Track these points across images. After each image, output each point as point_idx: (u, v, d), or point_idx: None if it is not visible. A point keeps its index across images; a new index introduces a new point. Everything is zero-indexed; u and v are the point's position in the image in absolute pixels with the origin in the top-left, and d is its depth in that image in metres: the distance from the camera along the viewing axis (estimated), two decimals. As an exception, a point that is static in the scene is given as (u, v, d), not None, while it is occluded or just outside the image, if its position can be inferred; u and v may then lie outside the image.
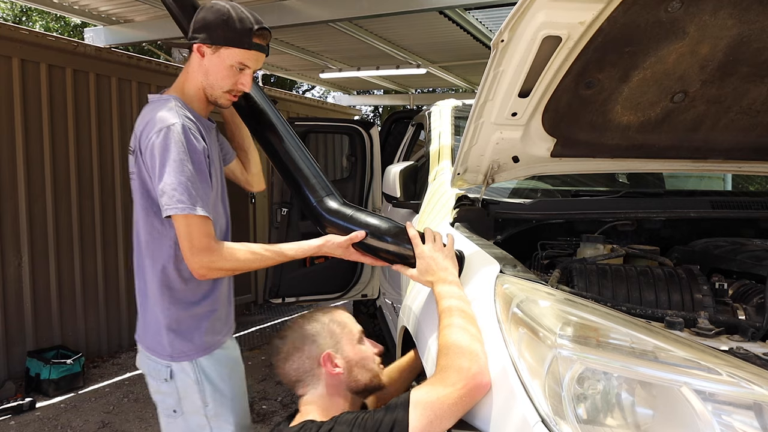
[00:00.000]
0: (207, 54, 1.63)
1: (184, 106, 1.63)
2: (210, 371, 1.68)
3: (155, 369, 1.70)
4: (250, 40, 1.61)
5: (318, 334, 1.52)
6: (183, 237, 1.52)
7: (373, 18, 4.74)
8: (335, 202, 1.73)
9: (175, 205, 1.49)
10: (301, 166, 1.79)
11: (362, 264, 4.30)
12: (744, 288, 1.66)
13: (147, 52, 10.74)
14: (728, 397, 1.02)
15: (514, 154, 1.92)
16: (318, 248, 1.66)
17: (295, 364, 1.51)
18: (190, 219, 1.50)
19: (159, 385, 1.70)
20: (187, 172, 1.51)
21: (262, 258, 1.62)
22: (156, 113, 1.57)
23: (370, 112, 18.84)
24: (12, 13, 12.51)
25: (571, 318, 1.19)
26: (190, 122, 1.58)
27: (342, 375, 1.49)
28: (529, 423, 1.07)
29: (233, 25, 1.59)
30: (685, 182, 3.35)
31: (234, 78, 1.65)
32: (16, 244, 4.38)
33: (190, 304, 1.67)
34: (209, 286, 1.70)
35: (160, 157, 1.51)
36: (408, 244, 1.59)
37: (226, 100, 1.69)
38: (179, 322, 1.66)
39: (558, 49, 1.48)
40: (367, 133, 4.33)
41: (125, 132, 5.23)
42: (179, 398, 1.67)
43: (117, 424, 3.79)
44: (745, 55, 1.60)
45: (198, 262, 1.53)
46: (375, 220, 1.66)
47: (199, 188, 1.53)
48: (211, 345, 1.70)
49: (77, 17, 5.33)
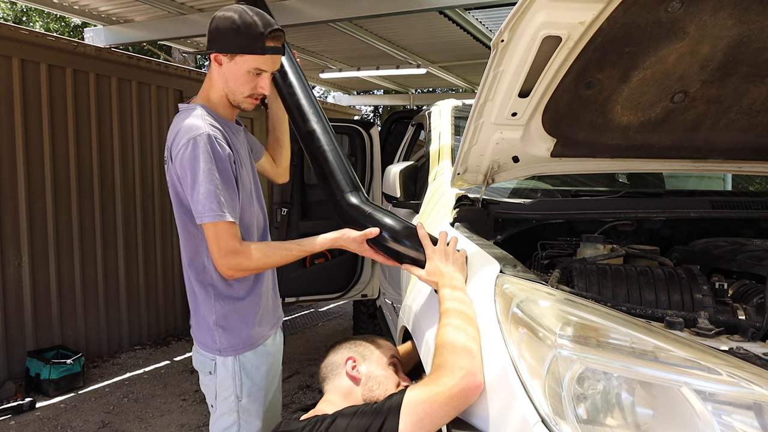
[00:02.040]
0: (224, 62, 1.67)
1: (210, 113, 1.70)
2: (249, 366, 1.76)
3: (203, 362, 1.78)
4: (263, 45, 1.64)
5: (353, 344, 1.74)
6: (211, 242, 1.61)
7: (373, 18, 4.74)
8: (357, 199, 1.78)
9: (207, 213, 1.58)
10: (333, 159, 1.84)
11: (362, 264, 4.31)
12: (744, 288, 1.66)
13: (147, 52, 10.75)
14: (728, 397, 1.02)
15: (514, 154, 1.92)
16: (334, 240, 1.71)
17: (327, 362, 1.72)
18: (218, 225, 1.59)
19: (204, 377, 1.79)
20: (215, 181, 1.58)
21: (284, 255, 1.71)
22: (183, 123, 1.64)
23: (370, 112, 18.84)
24: (12, 13, 12.51)
25: (571, 318, 1.19)
26: (216, 130, 1.64)
27: (359, 381, 1.63)
28: (529, 423, 1.07)
29: (244, 32, 1.62)
30: (685, 182, 3.35)
31: (252, 83, 1.69)
32: (16, 244, 4.38)
33: (235, 300, 1.74)
34: (252, 282, 1.77)
35: (189, 167, 1.59)
36: (420, 246, 1.62)
37: (248, 104, 1.74)
38: (226, 318, 1.73)
39: (558, 49, 1.48)
40: (367, 133, 4.32)
41: (125, 132, 5.24)
42: (216, 392, 1.75)
43: (117, 424, 3.79)
44: (745, 55, 1.60)
45: (225, 264, 1.61)
46: (390, 220, 1.69)
47: (226, 195, 1.60)
48: (257, 340, 1.79)
49: (77, 17, 5.33)
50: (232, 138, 1.72)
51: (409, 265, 1.66)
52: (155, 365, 4.88)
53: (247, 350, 1.75)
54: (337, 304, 6.91)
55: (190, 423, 3.79)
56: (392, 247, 1.67)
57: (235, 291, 1.74)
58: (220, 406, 1.75)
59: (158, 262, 5.63)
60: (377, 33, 6.08)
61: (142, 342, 5.46)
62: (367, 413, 1.36)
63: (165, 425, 3.77)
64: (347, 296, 4.41)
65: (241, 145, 1.80)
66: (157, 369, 4.79)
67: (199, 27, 5.03)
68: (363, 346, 1.73)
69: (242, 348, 1.75)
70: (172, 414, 3.95)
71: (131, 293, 5.35)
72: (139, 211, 5.38)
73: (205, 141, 1.59)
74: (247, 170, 1.78)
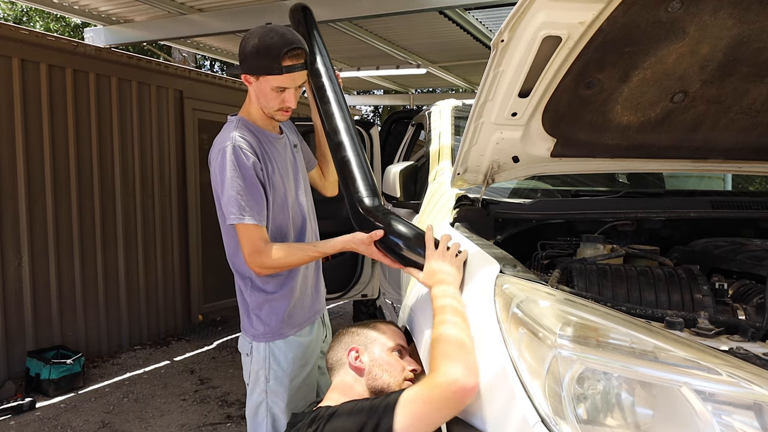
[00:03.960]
0: (252, 82, 1.85)
1: (247, 125, 1.90)
2: (278, 353, 1.93)
3: (242, 344, 2.01)
4: (279, 66, 1.78)
5: (357, 333, 1.73)
6: (241, 241, 1.82)
7: (373, 18, 4.73)
8: (371, 204, 1.86)
9: (229, 216, 1.79)
10: (355, 168, 1.95)
11: (362, 264, 4.32)
12: (744, 288, 1.65)
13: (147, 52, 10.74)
14: (728, 397, 1.02)
15: (514, 154, 1.92)
16: (346, 243, 1.83)
17: (332, 353, 1.74)
18: (240, 227, 1.80)
19: (243, 358, 2.02)
20: (236, 187, 1.78)
21: (301, 256, 1.87)
22: (220, 135, 1.88)
23: (370, 112, 18.84)
24: (12, 13, 12.52)
25: (571, 318, 1.19)
26: (243, 140, 1.82)
27: (363, 370, 1.64)
28: (529, 423, 1.07)
29: (263, 54, 1.77)
30: (685, 182, 3.35)
31: (278, 98, 1.86)
32: (16, 244, 4.39)
33: (267, 292, 1.93)
34: (284, 277, 1.94)
35: (219, 175, 1.81)
36: (419, 253, 1.65)
37: (280, 116, 1.92)
38: (260, 308, 1.93)
39: (558, 49, 1.48)
40: (367, 133, 4.32)
41: (125, 132, 5.24)
42: (250, 372, 1.97)
43: (117, 424, 3.79)
44: (745, 55, 1.60)
45: (252, 262, 1.82)
46: (398, 225, 1.74)
47: (249, 199, 1.79)
48: (287, 331, 1.95)
49: (77, 17, 5.32)
50: (265, 147, 1.89)
51: (411, 268, 1.69)
52: (155, 365, 4.88)
53: (277, 339, 1.93)
54: (337, 304, 6.90)
55: (190, 423, 3.79)
56: (396, 250, 1.72)
57: (267, 286, 1.92)
58: (252, 385, 1.97)
59: (158, 262, 5.63)
60: (377, 33, 6.07)
61: (142, 342, 5.46)
62: (364, 411, 1.37)
63: (165, 425, 3.77)
64: (347, 296, 4.41)
65: (279, 153, 1.96)
66: (157, 369, 4.80)
67: (199, 27, 5.02)
68: (365, 334, 1.72)
69: (272, 337, 1.93)
70: (172, 414, 3.95)
71: (131, 293, 5.35)
72: (139, 211, 5.38)
73: (230, 151, 1.78)
74: (283, 175, 1.94)
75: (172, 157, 5.76)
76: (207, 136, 6.30)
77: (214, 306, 6.29)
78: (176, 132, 5.81)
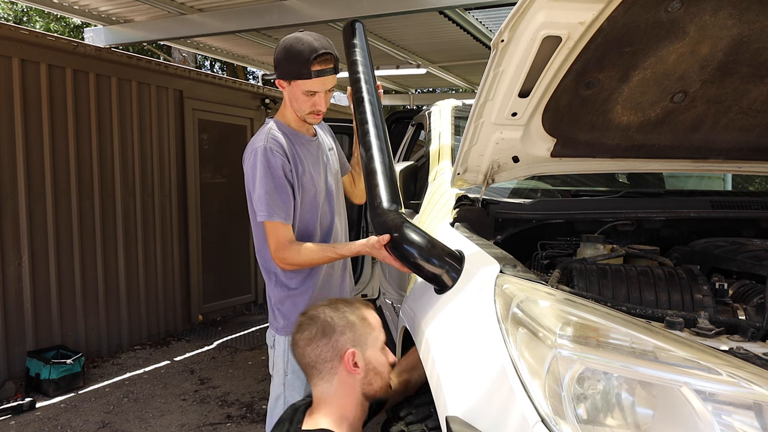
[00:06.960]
0: (285, 86, 1.96)
1: (281, 127, 2.00)
2: None
3: (268, 336, 2.12)
4: (308, 71, 1.87)
5: (348, 328, 1.53)
6: (267, 237, 1.93)
7: (373, 18, 4.73)
8: (388, 208, 1.87)
9: (259, 213, 1.90)
10: (380, 175, 1.95)
11: (362, 264, 4.33)
12: (744, 288, 1.65)
13: (147, 52, 10.74)
14: (728, 397, 1.02)
15: (514, 154, 1.92)
16: (362, 247, 1.89)
17: (317, 349, 1.51)
18: (268, 224, 1.91)
19: (269, 350, 2.11)
20: (266, 187, 1.89)
21: (321, 256, 1.94)
22: (255, 137, 1.99)
23: (370, 112, 18.78)
24: (13, 13, 12.52)
25: (571, 318, 1.19)
26: (275, 142, 1.92)
27: (358, 376, 1.50)
28: (529, 423, 1.07)
29: (293, 60, 1.88)
30: (685, 182, 3.35)
31: (309, 102, 1.95)
32: (16, 244, 4.39)
33: (289, 288, 2.02)
34: (305, 274, 2.02)
35: (251, 174, 1.93)
36: (425, 258, 1.63)
37: (312, 119, 2.02)
38: (282, 302, 2.03)
39: (558, 49, 1.48)
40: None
41: (125, 132, 5.24)
42: (273, 363, 2.07)
43: (117, 424, 3.79)
44: (745, 55, 1.60)
45: (276, 257, 1.93)
46: (408, 231, 1.72)
47: (277, 198, 1.90)
48: None
49: (77, 17, 5.33)
50: (297, 149, 1.99)
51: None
52: (155, 365, 4.88)
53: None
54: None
55: (190, 423, 3.79)
56: (400, 253, 1.72)
57: (290, 281, 2.01)
58: (274, 376, 2.06)
59: (158, 262, 5.63)
60: (377, 33, 6.08)
61: (142, 342, 5.46)
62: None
63: (165, 425, 3.77)
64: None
65: (311, 155, 2.05)
66: (157, 369, 4.80)
67: (199, 27, 5.03)
68: (358, 329, 1.54)
69: (291, 330, 1.92)
70: (172, 414, 3.95)
71: (131, 293, 5.35)
72: (139, 211, 5.38)
73: (261, 152, 1.89)
74: (314, 176, 2.02)
75: (172, 157, 5.76)
76: (207, 136, 6.31)
77: (214, 306, 6.28)
78: (176, 132, 5.81)
